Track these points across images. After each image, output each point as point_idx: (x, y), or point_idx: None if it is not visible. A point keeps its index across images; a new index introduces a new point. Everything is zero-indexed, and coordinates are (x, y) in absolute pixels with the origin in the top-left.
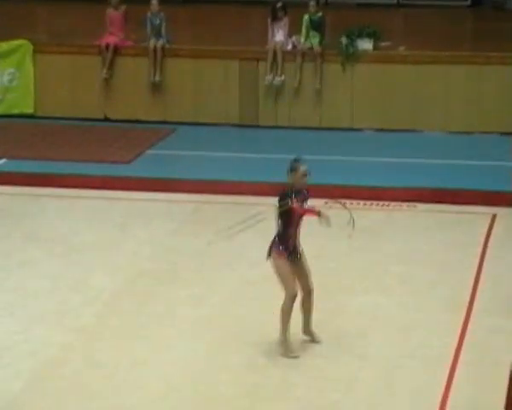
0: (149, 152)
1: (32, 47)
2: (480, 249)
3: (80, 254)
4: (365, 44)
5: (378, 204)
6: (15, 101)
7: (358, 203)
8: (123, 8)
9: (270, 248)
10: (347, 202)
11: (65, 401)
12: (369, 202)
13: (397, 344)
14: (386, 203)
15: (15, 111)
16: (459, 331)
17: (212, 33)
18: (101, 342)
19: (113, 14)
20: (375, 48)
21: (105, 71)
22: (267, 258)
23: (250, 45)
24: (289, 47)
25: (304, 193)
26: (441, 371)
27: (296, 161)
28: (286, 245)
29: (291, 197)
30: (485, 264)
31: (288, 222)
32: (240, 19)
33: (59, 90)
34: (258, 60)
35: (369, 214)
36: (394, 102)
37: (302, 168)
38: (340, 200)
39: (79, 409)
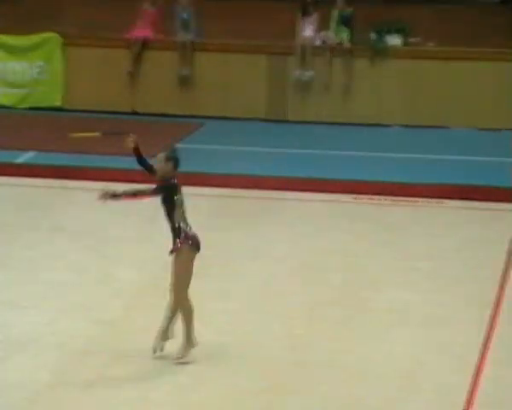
0: (177, 146)
1: (61, 40)
2: (507, 246)
3: (108, 246)
4: (394, 40)
5: (406, 200)
6: (44, 94)
7: (386, 199)
8: (159, 3)
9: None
10: (375, 197)
11: (91, 393)
12: (396, 198)
13: (423, 341)
14: (414, 199)
15: (44, 104)
16: (486, 329)
17: (241, 28)
18: (128, 335)
19: (149, 10)
20: (404, 43)
21: (130, 64)
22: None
23: (278, 40)
24: (318, 42)
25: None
26: (467, 368)
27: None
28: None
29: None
30: None
31: None
32: (268, 13)
33: (87, 83)
34: (286, 54)
35: (397, 210)
36: (423, 98)
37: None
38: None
39: (106, 401)
